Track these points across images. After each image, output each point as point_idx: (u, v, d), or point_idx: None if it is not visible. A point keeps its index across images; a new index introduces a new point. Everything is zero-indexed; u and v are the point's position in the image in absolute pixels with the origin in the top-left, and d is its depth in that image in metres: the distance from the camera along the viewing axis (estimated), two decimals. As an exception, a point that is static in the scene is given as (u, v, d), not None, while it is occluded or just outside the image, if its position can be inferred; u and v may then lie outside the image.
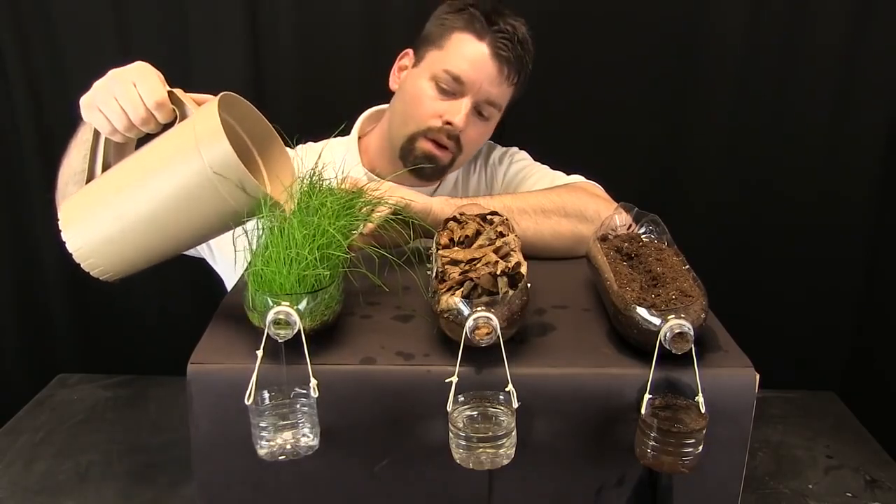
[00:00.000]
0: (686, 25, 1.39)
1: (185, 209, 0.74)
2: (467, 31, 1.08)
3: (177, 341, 0.89)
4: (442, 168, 1.14)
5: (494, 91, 1.09)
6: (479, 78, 1.08)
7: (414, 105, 1.11)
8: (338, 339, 0.73)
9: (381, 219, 0.86)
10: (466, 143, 1.13)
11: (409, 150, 1.12)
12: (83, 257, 0.78)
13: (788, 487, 1.16)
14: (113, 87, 0.81)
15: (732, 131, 1.45)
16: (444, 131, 1.10)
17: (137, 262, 0.79)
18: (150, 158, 0.78)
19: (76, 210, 0.79)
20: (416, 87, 1.11)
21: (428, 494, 0.73)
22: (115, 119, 0.81)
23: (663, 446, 0.63)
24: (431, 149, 1.11)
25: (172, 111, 0.80)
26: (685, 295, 0.71)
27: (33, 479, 1.13)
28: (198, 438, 0.70)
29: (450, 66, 1.08)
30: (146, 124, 0.81)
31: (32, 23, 1.39)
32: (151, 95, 0.79)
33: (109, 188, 0.79)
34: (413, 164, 1.11)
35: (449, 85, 1.08)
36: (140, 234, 0.76)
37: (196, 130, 0.74)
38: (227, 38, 1.39)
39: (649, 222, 0.88)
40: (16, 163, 1.47)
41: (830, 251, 1.51)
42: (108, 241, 0.77)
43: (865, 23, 1.37)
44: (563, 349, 0.72)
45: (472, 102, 1.09)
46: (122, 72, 0.82)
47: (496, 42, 1.07)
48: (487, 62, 1.07)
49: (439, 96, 1.09)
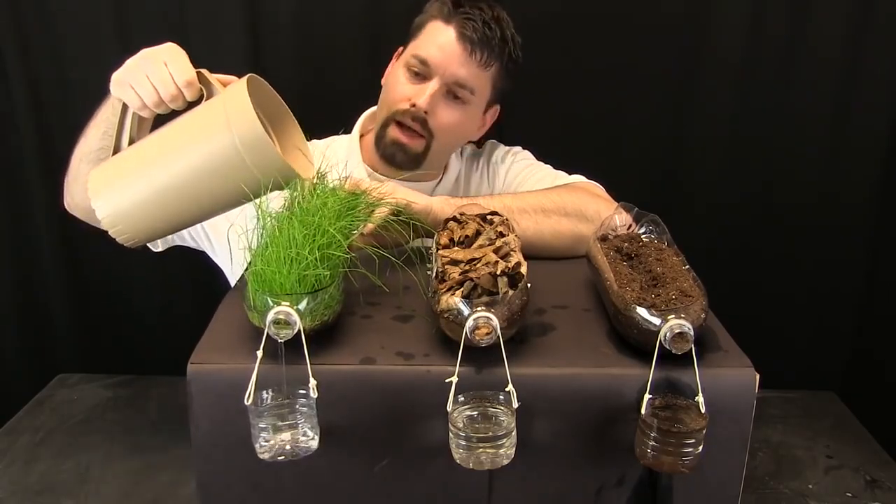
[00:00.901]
0: (687, 26, 1.39)
1: (214, 179, 0.80)
2: (437, 18, 1.12)
3: (177, 341, 0.89)
4: (414, 155, 1.13)
5: (463, 72, 1.10)
6: (443, 59, 1.09)
7: (387, 92, 1.15)
8: (338, 339, 0.73)
9: (382, 219, 0.86)
10: (438, 128, 1.12)
11: (381, 136, 1.14)
12: (112, 224, 0.83)
13: (788, 487, 1.15)
14: (145, 66, 0.86)
15: (733, 131, 1.44)
16: (409, 113, 1.11)
17: (163, 229, 0.86)
18: (181, 133, 0.83)
19: (106, 179, 0.84)
20: (393, 76, 1.15)
21: (428, 494, 0.73)
22: (146, 95, 0.86)
23: (663, 446, 0.63)
24: (398, 135, 1.12)
25: (200, 90, 0.86)
26: (685, 295, 0.71)
27: (33, 479, 1.13)
28: (198, 438, 0.70)
29: (419, 50, 1.11)
30: (175, 101, 0.86)
31: (32, 23, 1.38)
32: (182, 74, 0.85)
33: (140, 159, 0.85)
34: (384, 152, 1.13)
35: (419, 69, 1.11)
36: (169, 203, 0.82)
37: (227, 108, 0.79)
38: (228, 38, 1.39)
39: (649, 222, 0.88)
40: (16, 163, 1.47)
41: (831, 252, 1.50)
42: (137, 208, 0.83)
43: (866, 24, 1.37)
44: (563, 349, 0.72)
45: (438, 84, 1.10)
46: (153, 51, 0.88)
47: (461, 23, 1.09)
48: (453, 44, 1.09)
49: (410, 81, 1.12)
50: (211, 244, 1.18)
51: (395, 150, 1.13)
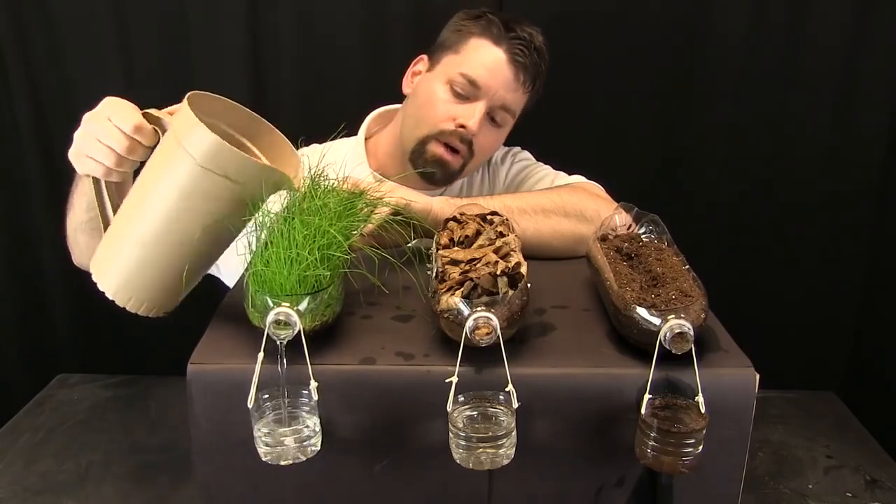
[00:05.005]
0: (687, 25, 1.39)
1: (195, 208, 0.73)
2: (484, 37, 1.09)
3: (177, 341, 0.89)
4: (452, 173, 1.13)
5: (509, 97, 1.10)
6: (495, 82, 1.08)
7: (427, 108, 1.11)
8: (338, 339, 0.73)
9: (382, 219, 0.86)
10: (479, 149, 1.12)
11: (419, 152, 1.12)
12: (123, 299, 0.77)
13: (788, 487, 1.15)
14: (92, 130, 0.82)
15: (733, 131, 1.44)
16: (456, 134, 1.09)
17: (174, 284, 0.77)
18: (146, 177, 0.77)
19: (101, 258, 0.78)
20: (430, 90, 1.11)
21: (428, 494, 0.73)
22: (104, 158, 0.82)
23: (663, 446, 0.63)
24: (443, 153, 1.11)
25: (153, 131, 0.81)
26: (685, 295, 0.71)
27: (33, 479, 1.13)
28: (198, 438, 0.70)
29: (466, 69, 1.08)
30: (134, 152, 0.82)
31: (32, 23, 1.38)
32: (127, 122, 0.80)
33: (121, 222, 0.79)
34: (423, 167, 1.11)
35: (464, 89, 1.08)
36: (164, 252, 0.75)
37: (176, 132, 0.73)
38: (228, 38, 1.39)
39: (649, 222, 0.88)
40: (16, 163, 1.47)
41: (831, 251, 1.50)
42: (136, 270, 0.76)
43: (866, 23, 1.37)
44: (563, 349, 0.72)
45: (486, 107, 1.09)
46: (94, 113, 0.83)
47: (513, 48, 1.08)
48: (504, 67, 1.08)
49: (454, 100, 1.09)
50: (217, 266, 1.15)
51: (435, 167, 1.11)
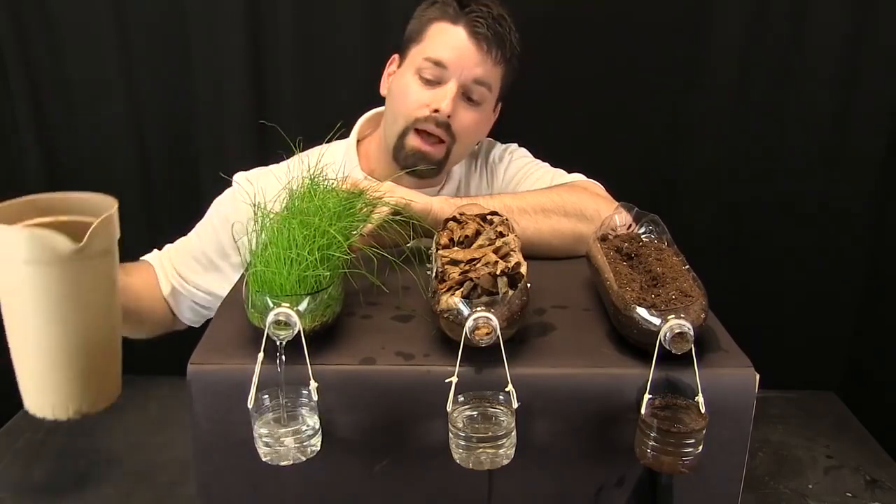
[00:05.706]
0: (687, 25, 1.39)
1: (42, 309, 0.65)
2: (443, 20, 1.10)
3: (177, 341, 0.89)
4: (437, 163, 1.12)
5: (479, 70, 1.09)
6: (460, 59, 1.08)
7: (400, 100, 1.11)
8: (338, 339, 0.73)
9: (381, 219, 0.85)
10: (460, 131, 1.11)
11: (399, 148, 1.11)
12: (40, 408, 0.74)
13: (788, 487, 1.15)
14: None
15: (733, 132, 1.44)
16: (431, 119, 1.08)
17: (78, 372, 0.70)
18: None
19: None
20: (402, 84, 1.11)
21: (428, 494, 0.73)
22: None
23: (663, 446, 0.63)
24: (420, 144, 1.10)
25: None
26: (685, 295, 0.71)
27: (33, 479, 1.13)
28: (198, 438, 0.70)
29: (430, 53, 1.09)
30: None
31: (32, 23, 1.38)
32: None
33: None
34: (405, 163, 1.10)
35: (433, 73, 1.08)
36: (44, 348, 0.68)
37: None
38: (228, 38, 1.39)
39: (649, 222, 0.88)
40: (16, 163, 1.47)
41: (831, 251, 1.50)
42: (32, 378, 0.72)
43: (866, 26, 1.37)
44: (563, 349, 0.72)
45: (457, 85, 1.08)
46: None
47: (472, 21, 1.08)
48: (465, 42, 1.08)
49: (424, 87, 1.09)
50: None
51: (417, 160, 1.10)
